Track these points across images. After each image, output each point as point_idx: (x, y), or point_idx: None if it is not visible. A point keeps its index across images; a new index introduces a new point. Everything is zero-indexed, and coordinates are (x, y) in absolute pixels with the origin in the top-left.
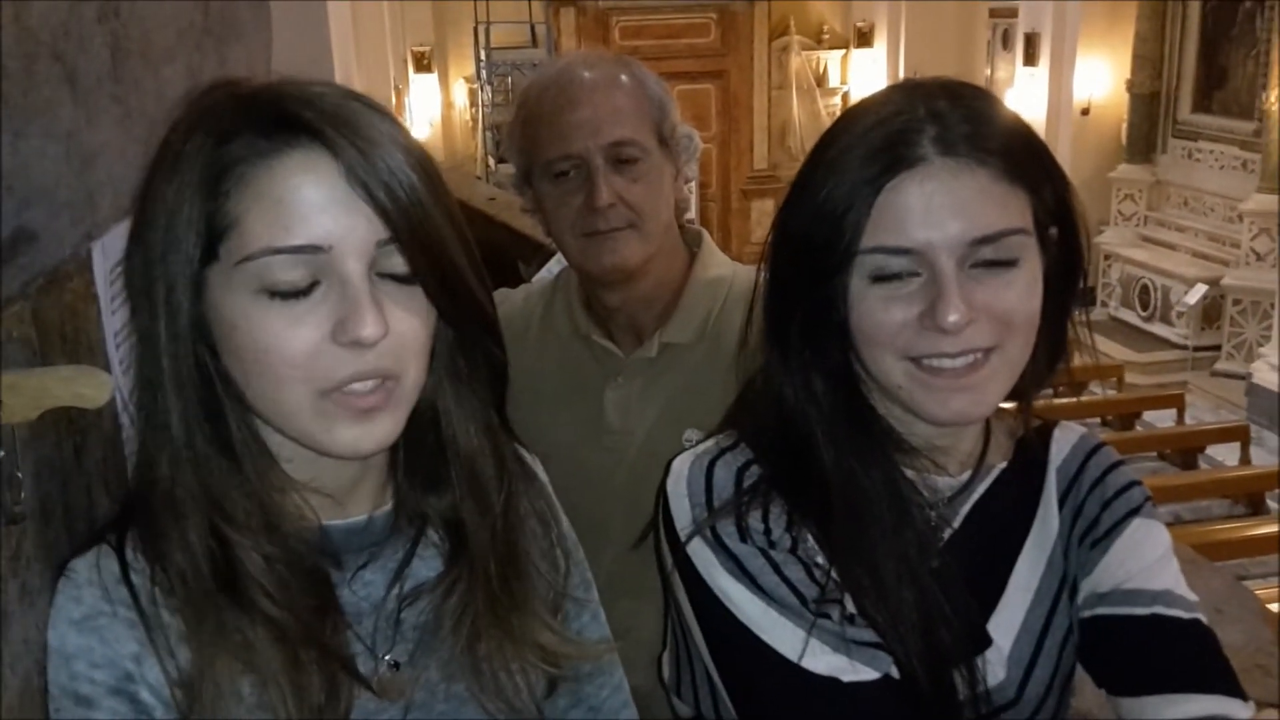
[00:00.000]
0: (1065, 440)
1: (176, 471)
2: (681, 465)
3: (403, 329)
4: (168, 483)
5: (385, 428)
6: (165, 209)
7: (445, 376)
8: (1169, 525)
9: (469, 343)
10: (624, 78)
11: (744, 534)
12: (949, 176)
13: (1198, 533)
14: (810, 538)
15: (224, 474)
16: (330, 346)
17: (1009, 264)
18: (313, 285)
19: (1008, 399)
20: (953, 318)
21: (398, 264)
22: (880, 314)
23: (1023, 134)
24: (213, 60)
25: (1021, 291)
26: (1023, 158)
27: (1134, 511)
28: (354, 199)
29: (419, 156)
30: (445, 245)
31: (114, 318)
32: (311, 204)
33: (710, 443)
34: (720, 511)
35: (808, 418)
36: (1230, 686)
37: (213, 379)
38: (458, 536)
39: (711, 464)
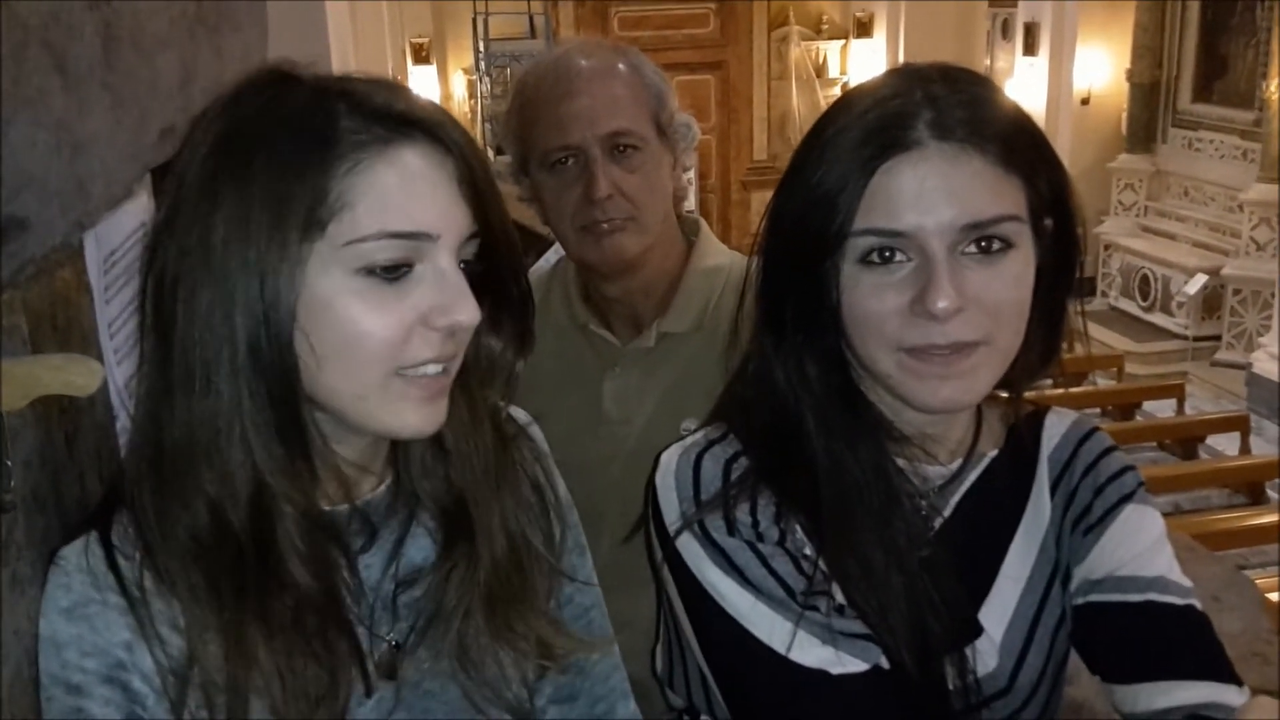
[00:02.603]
0: (1057, 426)
1: (227, 440)
2: (669, 459)
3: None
4: (214, 448)
5: (443, 410)
6: (253, 189)
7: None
8: (1168, 515)
9: (496, 325)
10: (621, 66)
11: (731, 527)
12: (943, 161)
13: (1197, 523)
14: (798, 529)
15: (272, 445)
16: (421, 329)
17: (1001, 251)
18: (409, 270)
19: (999, 389)
20: (942, 304)
21: (468, 255)
22: (871, 300)
23: (1020, 121)
24: (207, 50)
25: (1012, 281)
26: (1019, 145)
27: (1127, 497)
28: (456, 194)
29: (485, 155)
30: (512, 235)
31: (108, 306)
32: (425, 195)
33: (698, 435)
34: (708, 505)
35: (799, 403)
36: (1224, 673)
37: (281, 352)
38: (454, 523)
39: (699, 457)
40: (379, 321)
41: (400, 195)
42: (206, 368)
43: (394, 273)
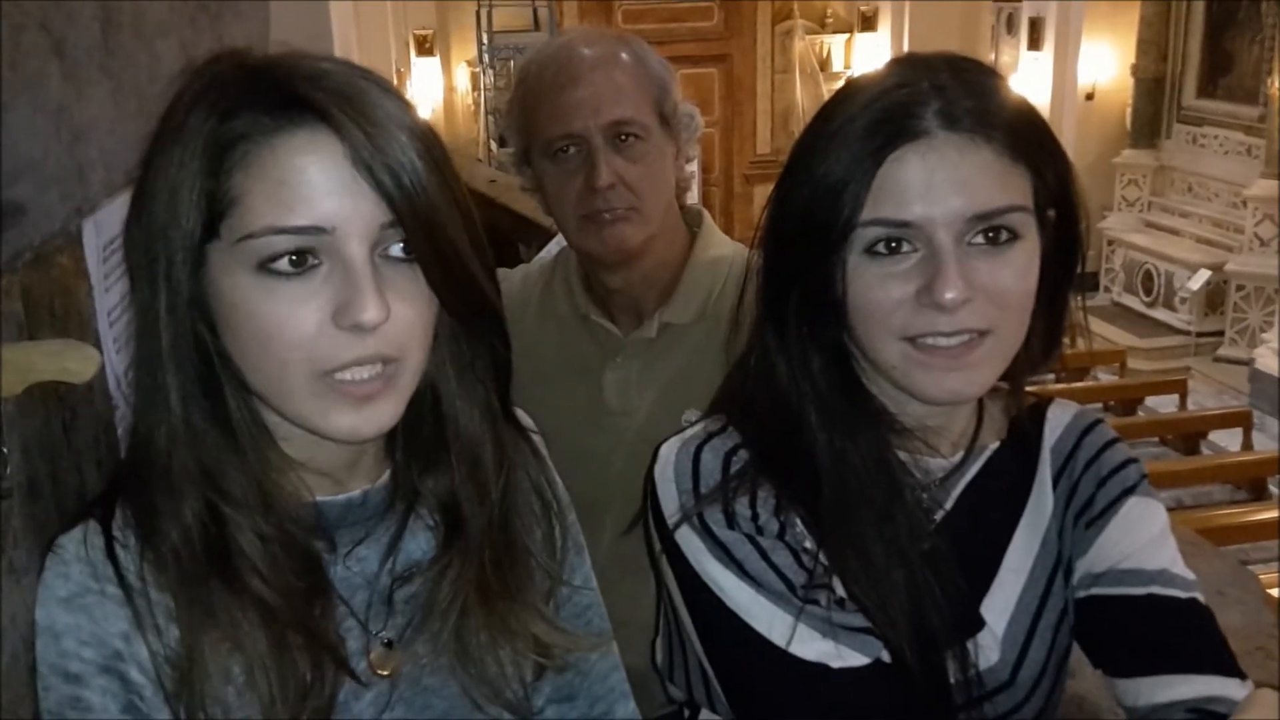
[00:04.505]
0: (1059, 418)
1: (173, 447)
2: (669, 451)
3: (404, 313)
4: (164, 458)
5: (384, 413)
6: (167, 183)
7: (449, 360)
8: (1170, 510)
9: (471, 331)
10: (624, 55)
11: (731, 520)
12: (951, 150)
13: (1199, 518)
14: (799, 522)
15: (221, 451)
16: (331, 330)
17: (1008, 242)
18: (314, 266)
19: (1000, 381)
20: (950, 294)
21: (401, 245)
22: (877, 290)
23: (1026, 112)
24: (208, 38)
25: (1018, 271)
26: (1026, 135)
27: (1130, 490)
28: (358, 181)
29: (425, 138)
30: (447, 229)
31: (107, 295)
32: (315, 185)
33: (698, 427)
34: (707, 498)
35: (801, 395)
36: (1227, 666)
37: (211, 356)
38: (453, 520)
39: (699, 449)
40: (284, 323)
41: (285, 188)
42: (150, 360)
43: (298, 268)
